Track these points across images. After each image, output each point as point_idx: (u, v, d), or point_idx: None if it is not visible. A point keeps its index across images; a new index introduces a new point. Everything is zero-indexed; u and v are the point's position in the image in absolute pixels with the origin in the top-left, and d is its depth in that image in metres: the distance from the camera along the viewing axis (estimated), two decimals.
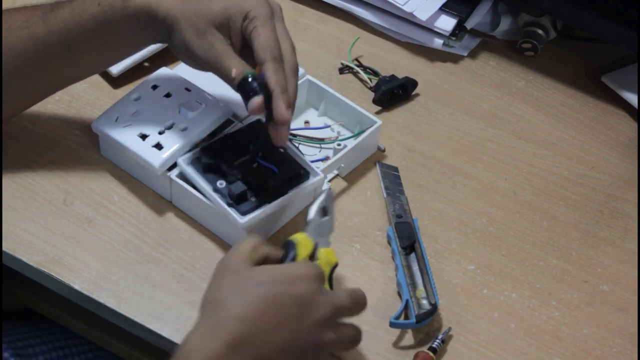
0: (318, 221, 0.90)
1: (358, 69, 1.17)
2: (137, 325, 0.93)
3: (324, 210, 0.90)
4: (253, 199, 0.95)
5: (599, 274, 1.01)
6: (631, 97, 1.17)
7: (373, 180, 1.06)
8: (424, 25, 1.20)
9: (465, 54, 1.22)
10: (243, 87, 0.90)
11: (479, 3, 1.22)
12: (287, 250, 0.87)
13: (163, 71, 1.05)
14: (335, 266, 0.89)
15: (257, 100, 0.88)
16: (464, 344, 0.94)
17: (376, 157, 1.08)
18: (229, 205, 0.94)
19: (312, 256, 0.88)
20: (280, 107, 0.89)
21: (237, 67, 0.90)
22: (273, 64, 0.89)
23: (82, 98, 1.09)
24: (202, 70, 0.94)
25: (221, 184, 0.95)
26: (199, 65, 0.93)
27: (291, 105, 0.90)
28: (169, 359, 0.79)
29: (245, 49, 0.93)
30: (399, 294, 0.95)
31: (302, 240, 0.87)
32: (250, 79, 0.89)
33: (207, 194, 0.95)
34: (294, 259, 0.86)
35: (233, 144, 0.98)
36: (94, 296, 0.94)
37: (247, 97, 0.89)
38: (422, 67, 1.20)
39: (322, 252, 0.88)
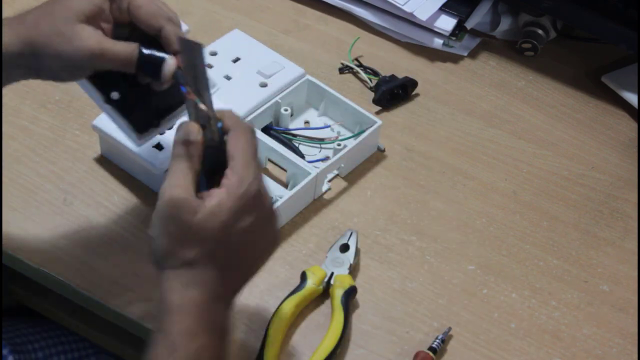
0: (336, 256, 0.96)
1: (358, 69, 1.17)
2: (137, 325, 0.93)
3: (345, 247, 0.97)
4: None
5: (599, 274, 1.01)
6: (631, 97, 1.17)
7: (373, 180, 1.06)
8: (424, 25, 1.20)
9: (465, 54, 1.22)
10: (147, 58, 0.84)
11: (479, 3, 1.22)
12: (301, 280, 0.94)
13: None
14: (352, 289, 0.94)
15: (171, 67, 0.84)
16: (464, 344, 0.94)
17: (376, 157, 1.08)
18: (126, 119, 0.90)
19: (328, 282, 0.95)
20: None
21: (125, 47, 0.85)
22: (170, 25, 0.85)
23: (82, 98, 1.09)
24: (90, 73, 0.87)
25: (115, 94, 0.89)
26: (84, 69, 0.86)
27: None
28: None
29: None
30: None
31: (314, 270, 0.95)
32: (143, 50, 0.84)
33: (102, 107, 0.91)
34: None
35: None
36: (94, 296, 0.94)
37: (155, 65, 0.84)
38: (422, 67, 1.20)
39: (337, 278, 0.95)
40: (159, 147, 0.99)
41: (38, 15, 0.85)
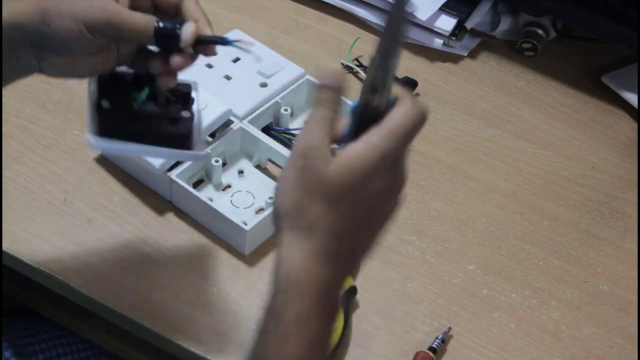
0: None
1: (358, 69, 1.16)
2: (137, 326, 0.93)
3: None
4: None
5: (599, 274, 1.01)
6: (631, 97, 1.17)
7: None
8: (424, 25, 1.20)
9: (465, 54, 1.22)
10: (163, 29, 0.81)
11: (479, 3, 1.22)
12: None
13: None
14: (352, 290, 0.93)
15: (191, 28, 0.81)
16: (464, 344, 0.94)
17: None
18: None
19: None
20: (207, 30, 0.82)
21: (142, 16, 0.81)
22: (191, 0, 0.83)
23: (82, 98, 1.08)
24: (98, 52, 0.83)
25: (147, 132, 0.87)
26: (100, 34, 0.81)
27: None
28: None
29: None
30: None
31: None
32: (161, 20, 0.82)
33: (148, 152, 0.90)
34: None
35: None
36: (94, 296, 0.94)
37: (171, 37, 0.81)
38: (422, 67, 1.20)
39: None
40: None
41: None
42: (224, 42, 0.83)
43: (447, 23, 1.19)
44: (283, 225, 0.70)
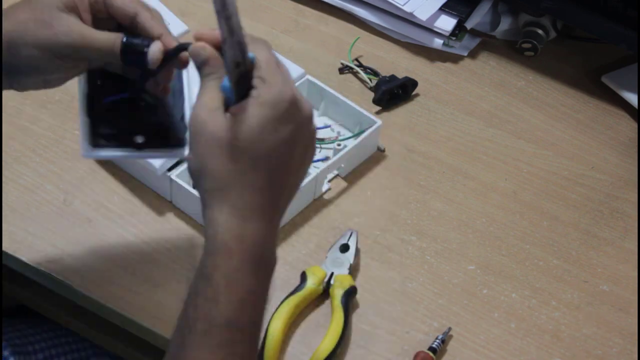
0: (336, 257, 0.96)
1: (358, 69, 1.16)
2: (137, 325, 0.93)
3: (345, 247, 0.97)
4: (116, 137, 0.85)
5: (599, 274, 1.01)
6: (631, 97, 1.17)
7: (373, 180, 1.06)
8: (424, 25, 1.20)
9: (465, 54, 1.22)
10: (130, 47, 0.81)
11: (479, 3, 1.22)
12: (301, 280, 0.94)
13: None
14: (352, 290, 0.94)
15: (157, 45, 0.80)
16: (464, 344, 0.94)
17: (376, 157, 1.08)
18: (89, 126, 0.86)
19: (328, 282, 0.94)
20: (173, 43, 0.82)
21: (108, 35, 0.81)
22: (146, 12, 0.83)
23: None
24: (67, 69, 0.84)
25: (139, 138, 0.85)
26: (65, 58, 0.82)
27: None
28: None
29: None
30: None
31: (314, 270, 0.95)
32: (127, 38, 0.81)
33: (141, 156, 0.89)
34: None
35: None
36: (93, 296, 0.94)
37: (138, 54, 0.81)
38: (422, 67, 1.20)
39: (337, 278, 0.94)
40: None
41: (16, 7, 0.82)
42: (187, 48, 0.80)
43: (447, 23, 1.19)
44: (201, 189, 0.72)
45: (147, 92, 0.86)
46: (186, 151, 0.87)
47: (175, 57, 0.82)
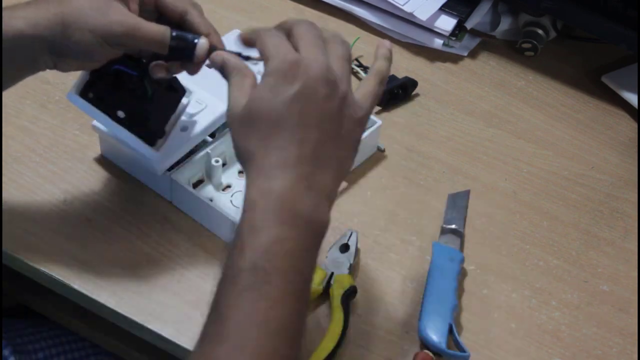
0: (335, 257, 0.96)
1: (358, 69, 1.16)
2: (137, 325, 0.93)
3: (345, 247, 0.97)
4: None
5: (599, 274, 1.01)
6: (631, 97, 1.17)
7: (373, 180, 1.06)
8: (424, 25, 1.20)
9: (465, 54, 1.22)
10: (180, 40, 0.86)
11: (479, 3, 1.22)
12: None
13: None
14: (352, 290, 0.94)
15: (205, 44, 0.86)
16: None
17: (376, 157, 1.08)
18: (139, 135, 0.94)
19: (328, 282, 0.94)
20: (220, 41, 0.88)
21: (158, 27, 0.86)
22: (195, 10, 0.88)
23: None
24: (112, 54, 0.88)
25: (121, 113, 0.93)
26: (115, 45, 0.86)
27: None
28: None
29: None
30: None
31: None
32: (177, 32, 0.86)
33: (111, 127, 0.94)
34: None
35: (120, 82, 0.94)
36: (94, 296, 0.94)
37: (187, 47, 0.86)
38: (422, 67, 1.20)
39: (337, 278, 0.94)
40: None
41: None
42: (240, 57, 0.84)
43: (447, 23, 1.20)
44: (244, 169, 0.77)
45: (149, 82, 0.92)
46: (153, 152, 0.95)
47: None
